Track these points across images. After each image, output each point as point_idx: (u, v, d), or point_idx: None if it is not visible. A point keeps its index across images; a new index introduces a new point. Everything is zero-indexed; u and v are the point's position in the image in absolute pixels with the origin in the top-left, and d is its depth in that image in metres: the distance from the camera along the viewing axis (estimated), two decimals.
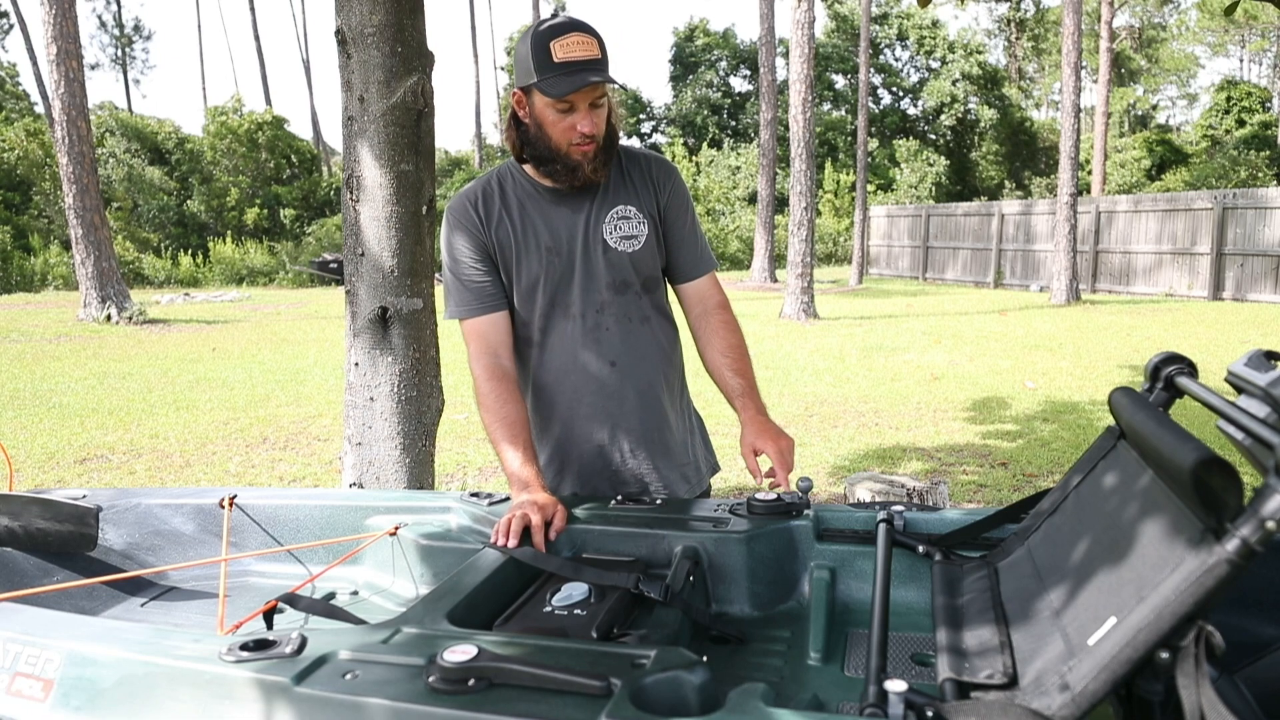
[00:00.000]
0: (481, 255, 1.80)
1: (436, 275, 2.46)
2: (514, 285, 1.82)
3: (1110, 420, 1.30)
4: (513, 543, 1.47)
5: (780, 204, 24.43)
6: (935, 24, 34.93)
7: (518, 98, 1.75)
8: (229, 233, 26.09)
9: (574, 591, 1.33)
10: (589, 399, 1.85)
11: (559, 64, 1.62)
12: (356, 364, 2.83)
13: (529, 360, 1.88)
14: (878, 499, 3.71)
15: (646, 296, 1.87)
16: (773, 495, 1.60)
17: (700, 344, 1.94)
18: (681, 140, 33.18)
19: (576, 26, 1.65)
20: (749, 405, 1.84)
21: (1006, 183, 34.34)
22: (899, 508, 1.55)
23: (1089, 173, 28.58)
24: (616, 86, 1.71)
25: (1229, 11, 3.97)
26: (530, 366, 1.88)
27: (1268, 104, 31.68)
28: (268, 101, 39.94)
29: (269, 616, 1.41)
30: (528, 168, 1.82)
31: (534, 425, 1.88)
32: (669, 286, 1.97)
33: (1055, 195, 19.70)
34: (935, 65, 35.12)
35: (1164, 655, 0.86)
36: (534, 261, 1.80)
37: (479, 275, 1.81)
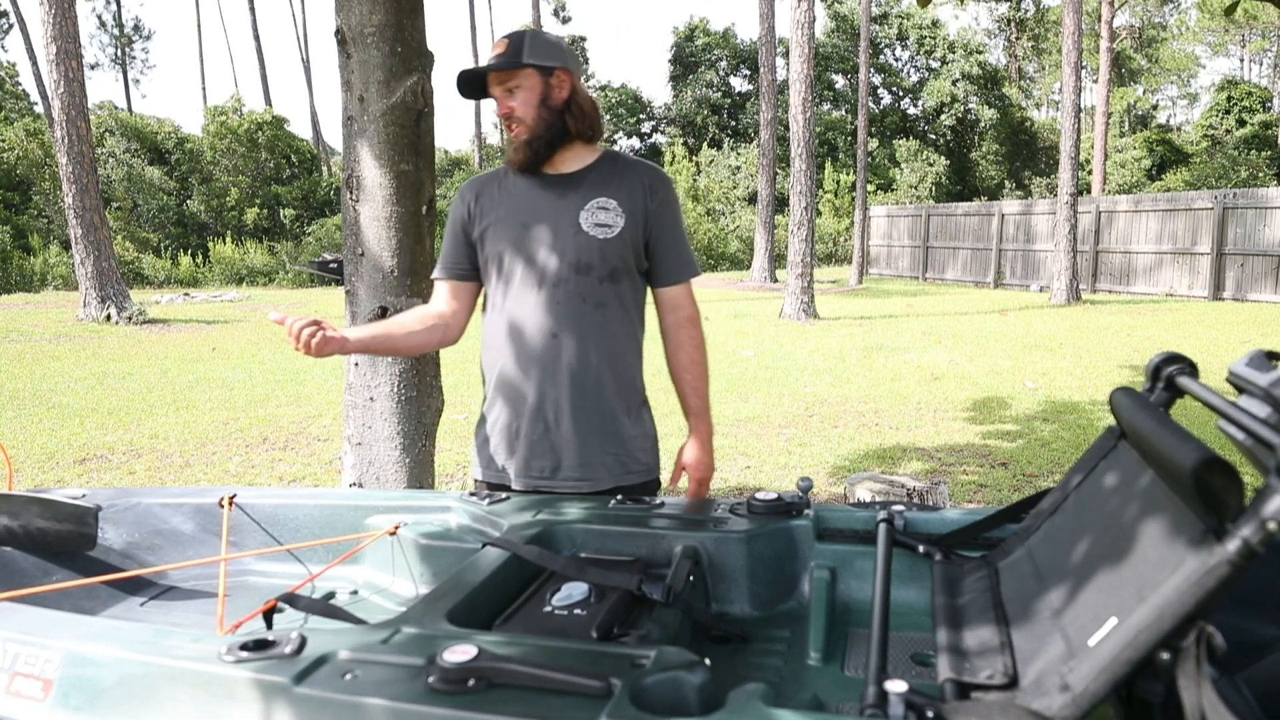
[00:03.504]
0: (465, 230, 2.03)
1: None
2: (488, 254, 2.00)
3: (1111, 420, 1.30)
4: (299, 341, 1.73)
5: (780, 204, 24.43)
6: (935, 24, 34.94)
7: None
8: (229, 233, 26.08)
9: (574, 591, 1.33)
10: (525, 364, 1.96)
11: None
12: (356, 364, 2.83)
13: (489, 322, 2.03)
14: (878, 499, 3.71)
15: (609, 285, 1.96)
16: (773, 495, 1.60)
17: (668, 350, 2.10)
18: (681, 140, 33.17)
19: (503, 36, 1.96)
20: (700, 427, 2.08)
21: (1006, 183, 34.34)
22: (899, 508, 1.55)
23: (1089, 173, 28.57)
24: (555, 71, 1.93)
25: (1229, 11, 3.97)
26: (487, 328, 2.04)
27: (1268, 104, 31.69)
28: (268, 101, 39.92)
29: (269, 616, 1.41)
30: None
31: (486, 385, 2.06)
32: (649, 290, 2.09)
33: (1055, 195, 19.70)
34: (935, 65, 35.13)
35: (1165, 656, 0.86)
36: (508, 233, 1.97)
37: (457, 246, 2.05)
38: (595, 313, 1.94)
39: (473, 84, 1.96)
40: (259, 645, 1.09)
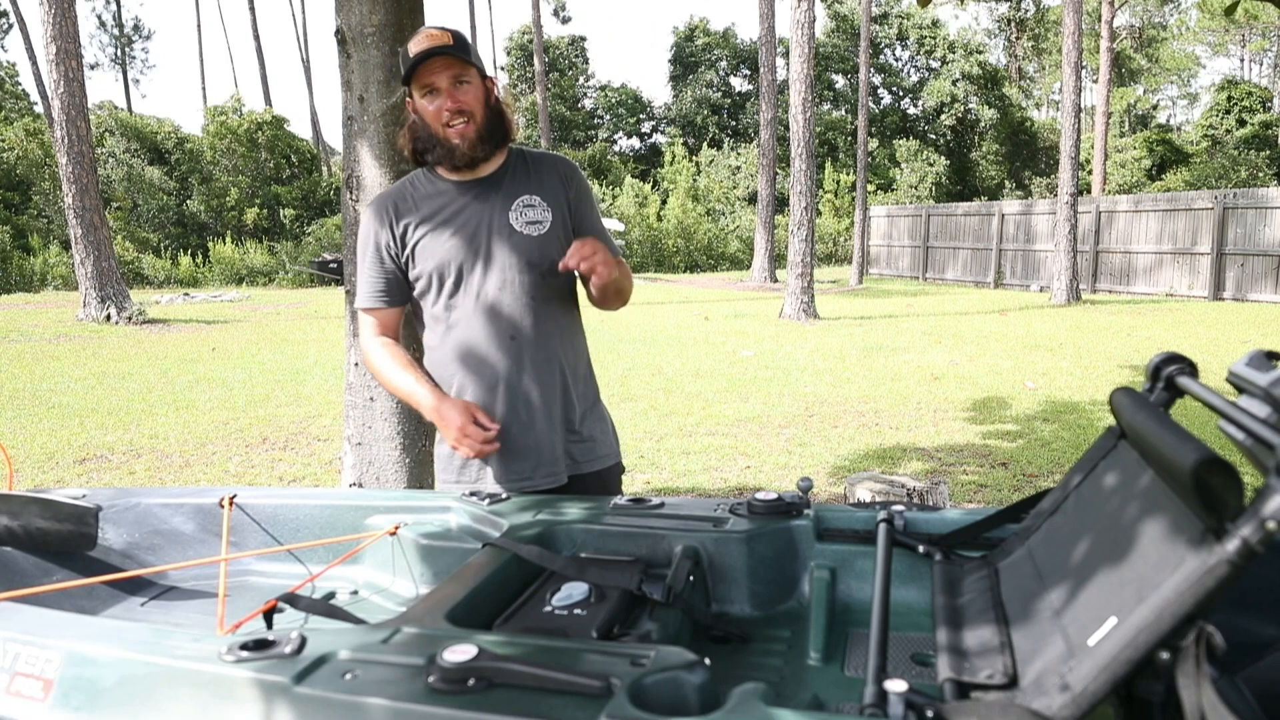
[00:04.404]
0: (392, 253, 1.97)
1: None
2: (421, 270, 1.95)
3: (1111, 420, 1.30)
4: (483, 448, 1.81)
5: (780, 204, 24.45)
6: (935, 24, 34.95)
7: (410, 106, 1.94)
8: (229, 233, 26.07)
9: (574, 591, 1.33)
10: (489, 372, 1.94)
11: (411, 56, 1.84)
12: (356, 364, 2.83)
13: (435, 338, 2.00)
14: (878, 499, 3.70)
15: (550, 280, 1.97)
16: (773, 495, 1.60)
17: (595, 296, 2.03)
18: (681, 140, 33.18)
19: (432, 27, 1.89)
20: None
21: (1006, 183, 34.33)
22: (899, 508, 1.55)
23: (1089, 173, 28.57)
24: (489, 73, 1.92)
25: (1229, 11, 3.97)
26: (436, 344, 2.00)
27: (1268, 104, 31.69)
28: (268, 101, 39.93)
29: (269, 616, 1.41)
30: (438, 168, 1.98)
31: None
32: (579, 277, 2.06)
33: (1055, 195, 19.70)
34: (935, 65, 35.14)
35: (1164, 655, 0.86)
36: (442, 246, 1.93)
37: (386, 271, 1.98)
38: (544, 308, 1.96)
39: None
40: (259, 645, 1.09)
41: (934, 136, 34.77)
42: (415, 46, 1.84)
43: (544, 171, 2.01)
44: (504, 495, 1.79)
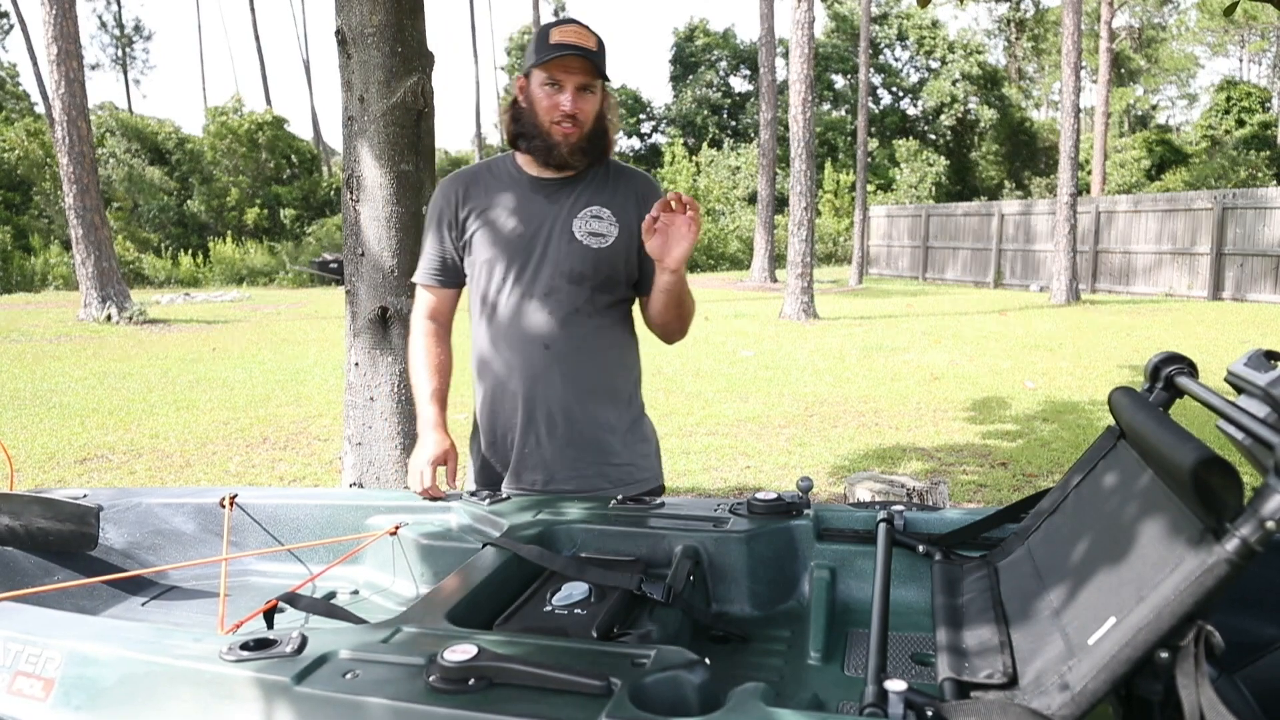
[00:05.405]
0: (453, 233, 1.96)
1: None
2: (476, 258, 1.93)
3: (1110, 420, 1.31)
4: (424, 495, 1.81)
5: (780, 204, 24.42)
6: (935, 24, 34.93)
7: (520, 84, 1.89)
8: (229, 233, 26.08)
9: (574, 591, 1.33)
10: (517, 376, 1.91)
11: (553, 45, 1.79)
12: (356, 364, 2.83)
13: (476, 331, 1.97)
14: (878, 499, 3.70)
15: (602, 295, 1.91)
16: (773, 495, 1.60)
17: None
18: (681, 140, 33.15)
19: (578, 22, 1.84)
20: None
21: (1006, 183, 34.32)
22: (899, 507, 1.55)
23: (1089, 173, 28.56)
24: (612, 89, 1.88)
25: (1228, 12, 3.97)
26: (475, 337, 1.98)
27: (1267, 104, 31.67)
28: (268, 101, 39.99)
29: (269, 616, 1.41)
30: (519, 157, 1.94)
31: (476, 394, 2.00)
32: (640, 296, 1.99)
33: (1055, 195, 19.70)
34: (935, 65, 35.12)
35: (1164, 655, 0.87)
36: (499, 239, 1.90)
37: (445, 251, 1.97)
38: (588, 323, 1.89)
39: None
40: (260, 645, 1.09)
41: (934, 136, 34.75)
42: (561, 37, 1.78)
43: (622, 186, 1.94)
44: (505, 495, 1.80)
